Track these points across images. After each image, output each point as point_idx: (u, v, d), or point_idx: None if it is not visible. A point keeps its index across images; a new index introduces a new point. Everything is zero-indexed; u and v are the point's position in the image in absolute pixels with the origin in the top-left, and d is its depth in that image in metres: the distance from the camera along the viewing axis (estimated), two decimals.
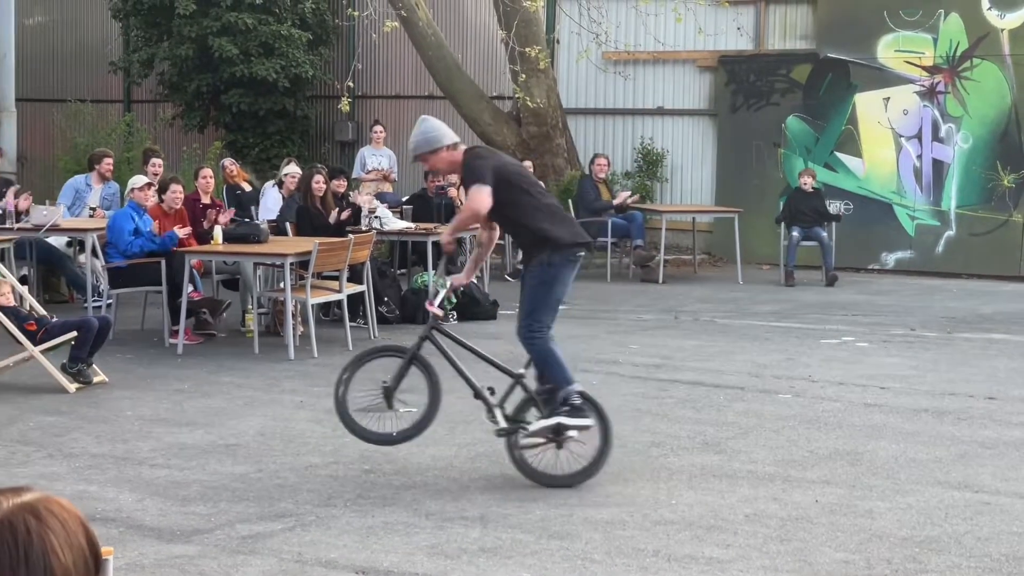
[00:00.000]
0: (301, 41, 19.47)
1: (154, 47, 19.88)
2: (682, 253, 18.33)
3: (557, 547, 6.07)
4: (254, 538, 6.18)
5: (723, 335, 12.46)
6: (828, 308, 14.29)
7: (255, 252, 11.69)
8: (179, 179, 12.85)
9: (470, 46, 20.30)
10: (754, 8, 19.03)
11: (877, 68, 17.93)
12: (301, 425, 8.59)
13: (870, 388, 9.86)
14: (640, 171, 19.39)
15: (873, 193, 18.01)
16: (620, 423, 8.64)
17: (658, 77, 19.54)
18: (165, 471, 7.40)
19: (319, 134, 21.38)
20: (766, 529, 6.34)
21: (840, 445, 8.08)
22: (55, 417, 8.77)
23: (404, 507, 6.72)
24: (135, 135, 19.57)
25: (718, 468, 7.52)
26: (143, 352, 11.36)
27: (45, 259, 13.71)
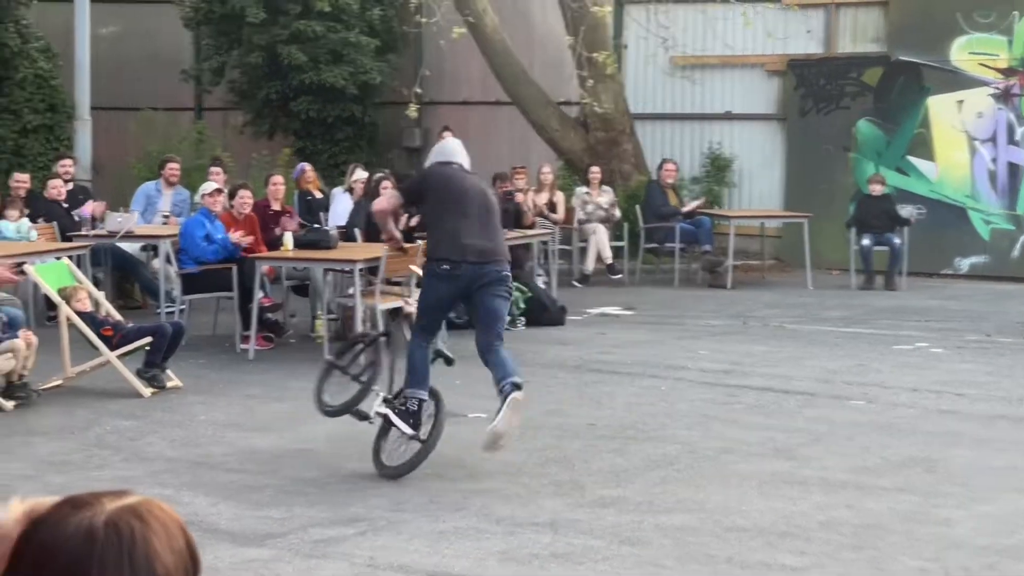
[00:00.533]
0: (369, 48, 19.55)
1: (225, 55, 20.05)
2: (750, 258, 18.21)
3: (628, 553, 6.05)
4: (327, 542, 6.22)
5: (792, 340, 12.36)
6: (900, 313, 14.14)
7: (325, 258, 11.76)
8: (248, 185, 12.96)
9: (537, 52, 20.29)
10: (824, 11, 18.89)
11: (950, 71, 17.73)
12: (372, 430, 8.60)
13: (944, 394, 9.74)
14: (708, 176, 19.29)
15: (946, 197, 17.81)
16: (689, 429, 8.63)
17: (726, 81, 19.44)
18: (239, 475, 7.46)
19: (387, 140, 21.46)
20: (840, 537, 6.28)
21: (914, 452, 7.99)
22: (131, 421, 8.87)
23: (474, 512, 6.73)
24: (206, 142, 19.75)
25: (790, 475, 7.46)
26: (215, 357, 11.46)
27: (119, 265, 13.86)
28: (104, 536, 1.62)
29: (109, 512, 1.65)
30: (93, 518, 1.64)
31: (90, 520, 1.64)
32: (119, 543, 1.62)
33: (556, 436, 8.42)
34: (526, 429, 8.52)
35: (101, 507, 1.66)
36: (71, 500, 1.70)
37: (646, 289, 16.13)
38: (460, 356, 11.47)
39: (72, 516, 1.66)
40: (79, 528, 1.63)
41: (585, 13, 17.25)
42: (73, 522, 1.65)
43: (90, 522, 1.64)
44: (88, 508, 1.66)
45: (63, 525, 1.65)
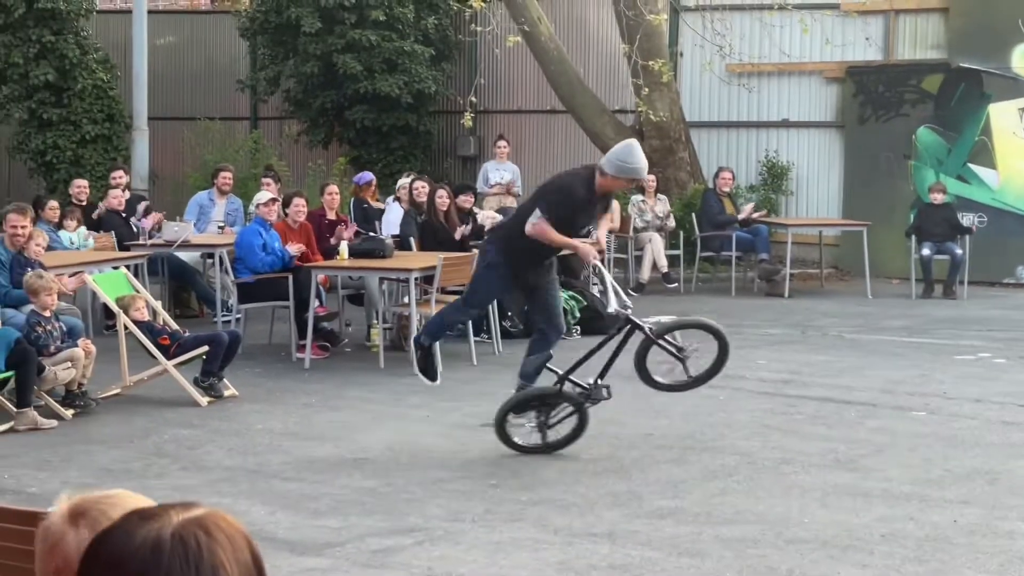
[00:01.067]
0: (424, 57, 19.59)
1: (280, 65, 20.16)
2: (808, 267, 18.06)
3: (688, 565, 5.99)
4: (384, 552, 6.20)
5: (852, 350, 12.23)
6: (961, 323, 13.97)
7: (380, 267, 11.77)
8: (302, 193, 12.99)
9: (592, 60, 20.26)
10: (883, 18, 18.73)
11: (1012, 78, 17.52)
12: (428, 439, 8.61)
13: (1008, 406, 9.60)
14: (765, 184, 19.17)
15: (1008, 205, 17.59)
16: (748, 439, 8.54)
17: (783, 89, 19.31)
18: (296, 484, 7.45)
19: (441, 149, 21.49)
20: (903, 549, 6.19)
21: (978, 464, 7.86)
22: (188, 430, 8.90)
23: (532, 523, 6.68)
24: (261, 152, 19.86)
25: (851, 486, 7.37)
26: (271, 366, 11.49)
27: (176, 275, 13.95)
28: (171, 548, 1.63)
29: (176, 524, 1.66)
30: (160, 530, 1.65)
31: (157, 532, 1.65)
32: (186, 555, 1.63)
33: (613, 446, 8.37)
34: (582, 439, 8.48)
35: (168, 519, 1.67)
36: (138, 512, 1.71)
37: (702, 298, 16.02)
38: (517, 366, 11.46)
39: (139, 528, 1.67)
40: (146, 540, 1.64)
41: (641, 21, 17.19)
42: (140, 534, 1.66)
43: (157, 533, 1.65)
44: (155, 520, 1.67)
45: (130, 537, 1.66)
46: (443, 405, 9.72)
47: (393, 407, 9.71)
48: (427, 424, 9.10)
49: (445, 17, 20.22)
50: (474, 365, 11.46)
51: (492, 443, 8.45)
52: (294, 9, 19.14)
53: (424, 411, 9.52)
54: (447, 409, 9.59)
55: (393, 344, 12.30)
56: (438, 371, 8.89)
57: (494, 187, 17.60)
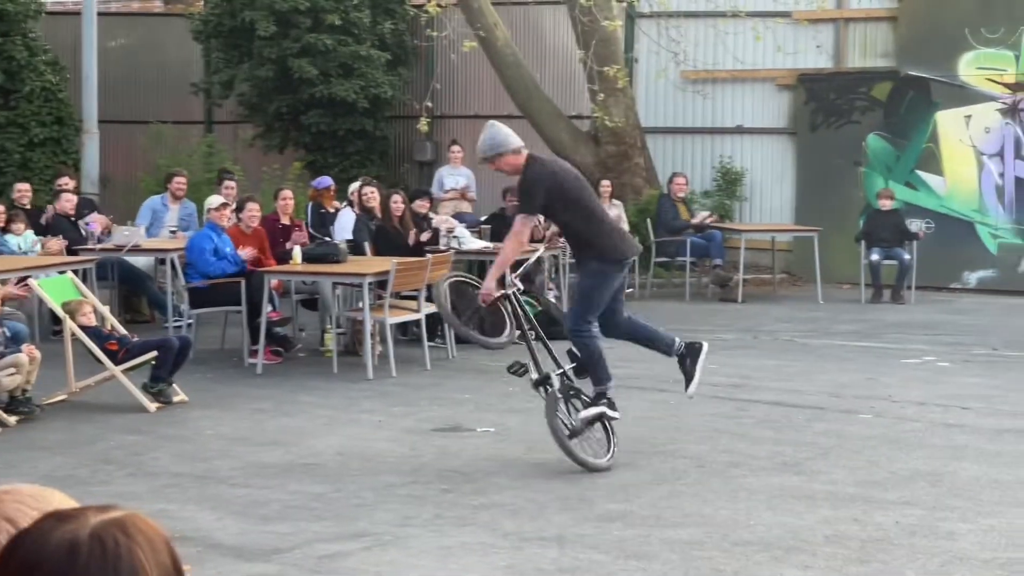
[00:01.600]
0: (380, 62, 19.58)
1: (234, 68, 20.09)
2: (761, 272, 18.19)
3: (635, 567, 6.04)
4: (332, 557, 6.21)
5: (803, 355, 12.35)
6: (909, 327, 14.12)
7: (334, 272, 11.77)
8: (255, 198, 12.97)
9: (548, 66, 20.32)
10: (833, 26, 18.89)
11: (958, 86, 17.72)
12: (380, 444, 8.62)
13: (951, 408, 9.72)
14: (719, 190, 19.29)
15: (954, 211, 17.79)
16: (698, 443, 8.61)
17: (737, 95, 19.44)
18: (245, 490, 7.45)
19: (398, 154, 21.48)
20: (846, 551, 6.27)
21: (921, 466, 7.97)
22: (136, 436, 8.87)
23: (482, 527, 6.72)
24: (216, 156, 19.79)
25: (798, 489, 7.45)
26: (223, 371, 11.46)
27: (127, 279, 13.88)
28: (88, 549, 1.61)
29: (93, 525, 1.64)
30: (77, 531, 1.63)
31: (74, 533, 1.63)
32: (103, 556, 1.61)
33: None
34: (534, 443, 8.53)
35: (85, 520, 1.64)
36: (55, 513, 1.68)
37: (657, 303, 16.11)
38: (471, 370, 11.51)
39: (56, 529, 1.64)
40: (62, 541, 1.62)
41: (596, 27, 17.26)
42: (56, 535, 1.63)
43: (74, 535, 1.62)
44: (72, 521, 1.64)
45: (47, 538, 1.63)
46: (396, 410, 9.74)
47: (346, 412, 9.72)
48: (380, 429, 9.12)
49: (401, 22, 20.22)
50: (428, 370, 11.48)
51: (444, 448, 8.49)
52: (248, 12, 19.09)
53: (377, 416, 9.54)
54: (400, 414, 9.61)
55: (347, 349, 12.31)
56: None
57: (449, 192, 17.63)
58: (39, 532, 1.66)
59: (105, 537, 1.62)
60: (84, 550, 1.61)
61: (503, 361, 11.81)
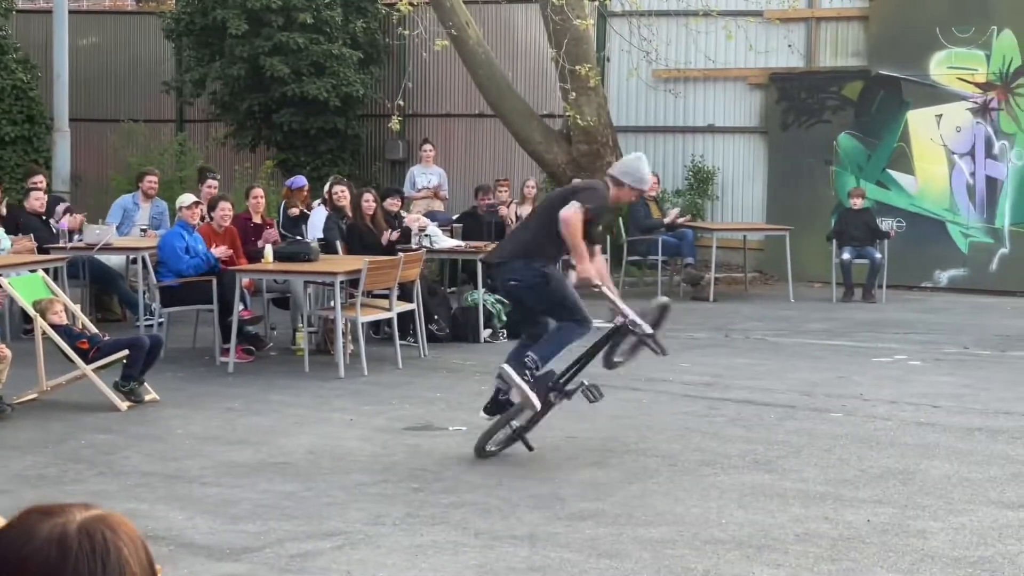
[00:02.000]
0: (352, 60, 19.55)
1: (206, 67, 20.03)
2: (733, 271, 18.25)
3: (607, 566, 6.04)
4: (303, 556, 6.20)
5: (774, 353, 12.38)
6: (880, 326, 14.18)
7: (306, 271, 11.75)
8: (228, 197, 12.93)
9: (520, 64, 20.32)
10: (805, 25, 18.96)
11: (929, 85, 17.80)
12: (351, 443, 8.61)
13: (922, 407, 9.77)
14: (691, 189, 19.33)
15: (925, 211, 17.87)
16: (670, 441, 8.63)
17: (708, 94, 19.49)
18: (215, 489, 7.43)
19: (370, 153, 21.46)
20: (817, 549, 6.28)
21: (892, 464, 8.00)
22: (107, 435, 8.83)
23: (453, 526, 6.71)
24: (187, 154, 19.72)
25: (769, 487, 7.47)
26: (194, 370, 11.42)
27: (98, 278, 13.82)
28: (78, 543, 1.63)
29: (81, 520, 1.66)
30: (66, 525, 1.65)
31: (63, 527, 1.65)
32: (92, 550, 1.63)
33: (536, 449, 8.41)
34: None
35: (72, 515, 1.67)
36: (38, 508, 1.70)
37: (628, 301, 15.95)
38: (443, 369, 11.50)
39: (42, 524, 1.66)
40: (51, 535, 1.64)
41: (568, 26, 17.26)
42: (44, 528, 1.65)
43: (63, 529, 1.64)
44: (58, 516, 1.67)
45: (33, 533, 1.65)
46: (367, 409, 9.73)
47: (317, 411, 9.69)
48: (351, 428, 9.10)
49: (373, 20, 20.20)
50: (399, 369, 11.47)
51: (415, 447, 8.48)
52: (220, 11, 19.03)
53: (348, 415, 9.52)
54: (371, 413, 9.60)
55: (318, 348, 12.29)
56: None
57: (421, 191, 17.62)
58: (24, 527, 1.67)
59: (93, 532, 1.65)
60: (74, 544, 1.63)
61: (473, 360, 11.88)
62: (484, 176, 18.99)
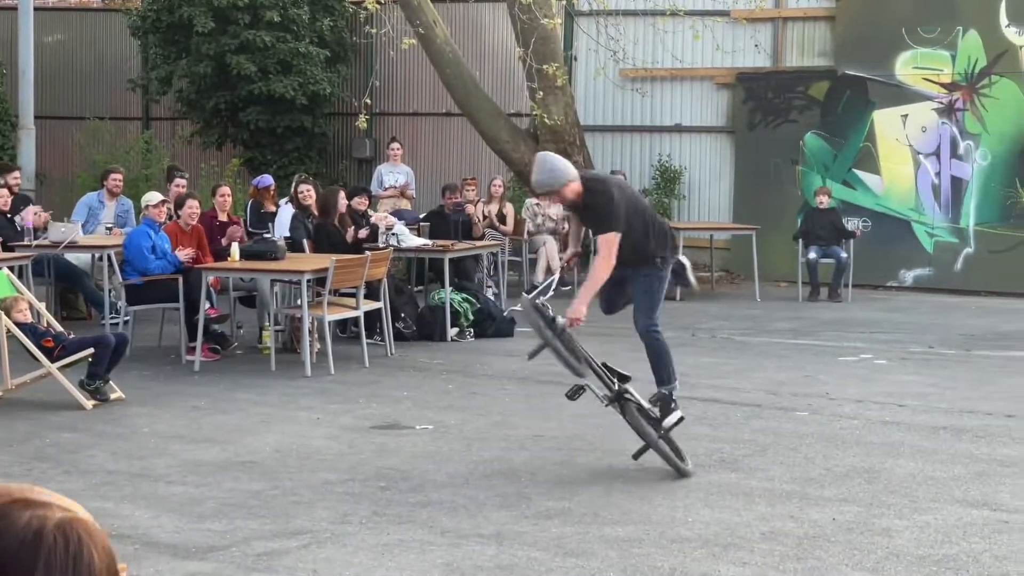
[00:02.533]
0: (319, 58, 19.52)
1: (172, 65, 19.95)
2: (699, 270, 18.28)
3: (573, 565, 6.05)
4: (269, 555, 6.18)
5: (740, 352, 12.42)
6: (846, 325, 14.25)
7: (272, 269, 11.71)
8: (195, 195, 12.88)
9: (488, 63, 20.32)
10: (772, 25, 19.03)
11: (895, 85, 17.90)
12: (317, 442, 8.59)
13: (888, 406, 9.82)
14: (658, 188, 19.37)
15: (891, 210, 17.97)
16: (636, 441, 8.60)
17: (676, 94, 19.54)
18: (181, 488, 7.40)
19: (337, 151, 21.42)
20: (783, 547, 6.31)
21: (858, 463, 8.04)
22: (72, 434, 8.78)
23: (420, 525, 6.70)
24: (153, 152, 19.64)
25: (735, 486, 7.49)
26: (160, 369, 11.37)
27: (63, 276, 13.74)
28: (52, 538, 1.68)
29: (59, 518, 1.71)
30: (45, 519, 1.70)
31: (42, 521, 1.70)
32: (66, 547, 1.68)
33: (502, 448, 8.42)
34: (472, 441, 8.54)
35: (53, 512, 1.72)
36: (25, 499, 1.75)
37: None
38: (410, 368, 11.49)
39: (25, 511, 1.71)
40: (29, 525, 1.69)
41: (536, 25, 17.27)
42: (26, 517, 1.70)
43: (42, 522, 1.69)
44: (41, 508, 1.72)
45: (16, 517, 1.70)
46: (334, 407, 9.71)
47: (283, 410, 9.67)
48: (317, 427, 9.08)
49: (340, 19, 20.16)
50: (366, 367, 11.45)
51: (382, 445, 8.47)
52: (186, 8, 18.96)
53: (315, 414, 9.49)
54: (338, 412, 9.58)
55: (285, 346, 12.25)
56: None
57: (388, 189, 17.59)
58: (8, 511, 1.72)
59: (69, 532, 1.70)
60: (49, 538, 1.68)
61: (440, 359, 11.88)
62: (451, 175, 18.98)
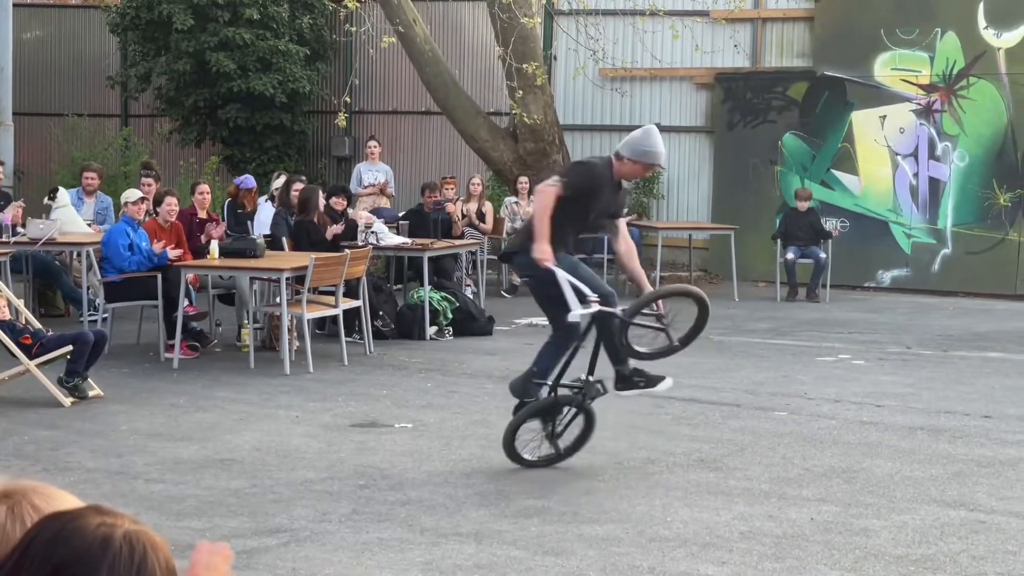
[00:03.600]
0: (298, 56, 19.49)
1: (151, 62, 19.90)
2: (678, 270, 18.33)
3: (552, 563, 6.06)
4: (249, 553, 6.17)
5: (719, 352, 12.45)
6: (824, 326, 14.30)
7: (251, 267, 11.69)
8: (174, 192, 12.85)
9: (467, 62, 20.32)
10: (751, 25, 19.07)
11: (874, 86, 17.96)
12: (296, 440, 8.58)
13: (866, 406, 9.86)
14: (636, 188, 19.37)
15: (869, 211, 18.04)
16: (615, 440, 8.65)
17: (655, 94, 19.57)
18: (160, 486, 7.39)
19: (316, 149, 21.39)
20: (761, 547, 6.33)
21: (836, 463, 8.07)
22: (50, 431, 8.76)
23: (399, 523, 6.71)
24: (132, 149, 19.58)
25: (714, 485, 7.51)
26: (138, 366, 11.34)
27: (41, 273, 13.70)
28: (119, 546, 1.78)
29: (127, 528, 1.81)
30: (114, 527, 1.80)
31: (111, 528, 1.80)
32: (131, 558, 1.78)
33: (481, 446, 8.43)
34: (451, 439, 8.55)
35: (122, 521, 1.82)
36: (96, 506, 1.87)
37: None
38: (388, 366, 11.48)
39: (95, 519, 1.81)
40: (98, 531, 1.79)
41: (515, 24, 17.28)
42: (94, 523, 1.80)
43: (110, 530, 1.79)
44: (111, 517, 1.82)
45: (85, 524, 1.80)
46: (313, 406, 9.70)
47: (262, 407, 9.65)
48: (296, 425, 9.07)
49: (320, 17, 20.15)
50: (345, 365, 11.44)
51: (361, 444, 8.47)
52: (166, 5, 18.90)
53: (294, 412, 9.49)
54: (317, 410, 9.57)
55: (263, 344, 12.24)
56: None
57: (367, 188, 17.58)
58: (79, 515, 1.83)
59: (135, 542, 1.80)
60: (116, 546, 1.78)
61: (418, 358, 11.87)
62: (430, 173, 18.98)
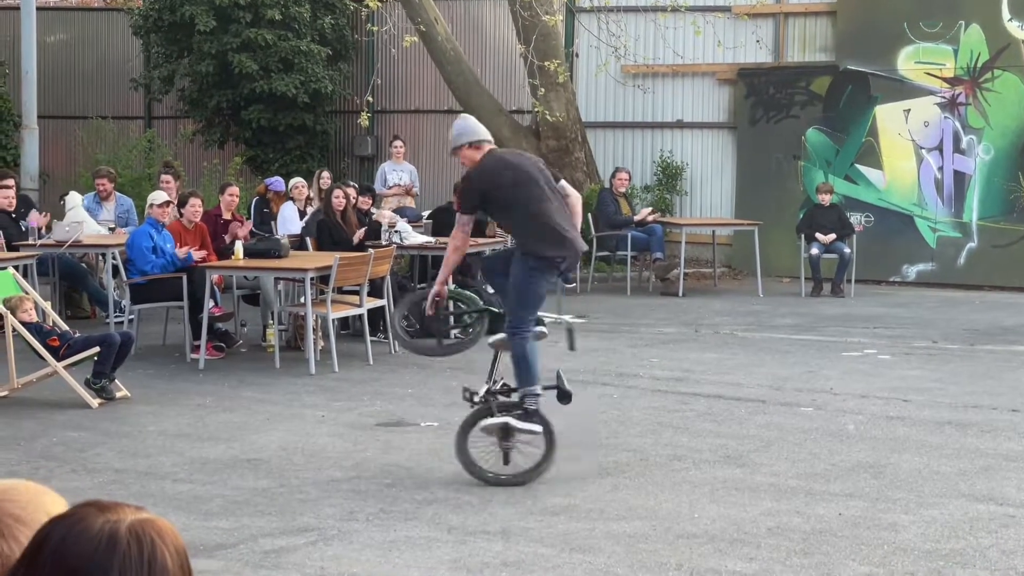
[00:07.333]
0: (320, 56, 19.52)
1: (174, 64, 19.97)
2: (702, 266, 18.30)
3: (579, 561, 6.06)
4: (277, 552, 6.19)
5: (743, 348, 12.42)
6: (849, 321, 14.25)
7: (276, 267, 11.72)
8: (198, 194, 12.89)
9: (489, 60, 20.33)
10: (773, 20, 19.02)
11: (897, 80, 17.89)
12: (322, 440, 8.60)
13: (892, 401, 9.82)
14: (659, 184, 19.37)
15: (894, 205, 17.97)
16: (641, 436, 8.65)
17: (677, 90, 19.53)
18: (187, 486, 7.41)
19: (339, 149, 21.42)
20: (789, 543, 6.32)
21: (863, 458, 8.05)
22: (78, 432, 8.80)
23: (426, 522, 6.72)
24: (156, 151, 19.65)
25: (740, 481, 7.50)
26: (165, 367, 11.39)
27: (67, 275, 13.75)
28: (127, 543, 1.72)
29: (131, 521, 1.75)
30: (117, 523, 1.74)
31: (114, 525, 1.74)
32: (140, 552, 1.73)
33: None
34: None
35: (124, 514, 1.76)
36: (95, 503, 1.79)
37: (598, 297, 16.17)
38: (413, 365, 11.49)
39: (97, 517, 1.75)
40: (103, 530, 1.73)
41: (537, 22, 17.29)
42: (98, 522, 1.74)
43: (114, 527, 1.74)
44: (112, 512, 1.76)
45: (88, 524, 1.74)
46: (338, 405, 9.72)
47: (288, 407, 9.68)
48: (322, 424, 9.09)
49: (342, 17, 20.17)
50: (370, 365, 11.46)
51: (387, 443, 8.48)
52: (188, 7, 18.96)
53: (319, 411, 9.51)
54: (342, 409, 9.59)
55: (288, 344, 12.26)
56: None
57: (393, 188, 17.60)
58: (79, 518, 1.77)
59: (142, 535, 1.74)
60: (123, 543, 1.73)
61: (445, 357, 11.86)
62: (453, 173, 18.97)
